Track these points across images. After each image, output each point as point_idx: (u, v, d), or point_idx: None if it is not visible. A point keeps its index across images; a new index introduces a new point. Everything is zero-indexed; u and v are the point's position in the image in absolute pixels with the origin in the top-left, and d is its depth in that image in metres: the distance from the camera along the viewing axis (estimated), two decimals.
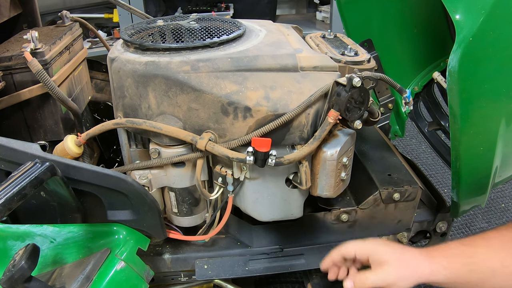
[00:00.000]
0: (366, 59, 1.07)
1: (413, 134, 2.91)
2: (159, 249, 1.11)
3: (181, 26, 1.03)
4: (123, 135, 1.01)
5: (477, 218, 2.24)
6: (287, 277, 1.83)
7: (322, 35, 1.26)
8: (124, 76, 0.92)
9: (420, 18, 1.50)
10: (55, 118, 1.14)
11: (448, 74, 0.80)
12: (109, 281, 0.84)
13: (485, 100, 0.87)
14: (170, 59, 0.90)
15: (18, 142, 0.84)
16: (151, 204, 0.91)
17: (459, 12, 0.77)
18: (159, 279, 1.13)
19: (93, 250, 0.89)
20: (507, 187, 2.46)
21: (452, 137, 0.91)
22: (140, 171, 0.98)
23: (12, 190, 0.69)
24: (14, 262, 0.68)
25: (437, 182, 2.49)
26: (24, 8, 1.39)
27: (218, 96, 0.88)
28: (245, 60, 0.92)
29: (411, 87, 1.61)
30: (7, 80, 1.06)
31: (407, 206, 1.14)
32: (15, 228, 0.89)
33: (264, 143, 0.86)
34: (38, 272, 0.86)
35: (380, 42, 1.52)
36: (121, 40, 1.02)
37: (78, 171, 0.84)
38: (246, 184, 0.98)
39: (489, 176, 1.01)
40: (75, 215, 0.93)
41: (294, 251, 1.12)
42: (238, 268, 1.09)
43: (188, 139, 0.90)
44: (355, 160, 1.18)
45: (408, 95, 1.02)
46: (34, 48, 1.04)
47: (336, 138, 0.96)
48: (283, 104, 0.90)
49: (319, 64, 0.96)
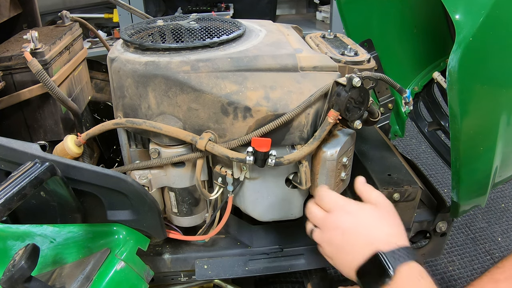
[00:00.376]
0: (366, 59, 1.07)
1: (413, 134, 2.91)
2: (159, 249, 1.11)
3: (181, 26, 1.03)
4: (123, 135, 1.01)
5: (477, 218, 2.24)
6: (287, 277, 1.84)
7: (322, 35, 1.25)
8: (124, 76, 0.92)
9: (420, 18, 1.50)
10: (55, 118, 1.14)
11: (448, 74, 0.80)
12: (109, 281, 0.84)
13: (485, 100, 0.87)
14: (170, 59, 0.90)
15: (18, 142, 0.84)
16: (151, 204, 0.91)
17: (459, 12, 0.77)
18: (159, 279, 1.13)
19: (93, 250, 0.89)
20: (507, 187, 2.46)
21: (452, 137, 0.91)
22: (140, 171, 0.98)
23: (12, 190, 0.68)
24: (14, 262, 0.68)
25: (437, 182, 2.49)
26: (24, 8, 1.39)
27: (218, 96, 0.88)
28: (245, 60, 0.92)
29: (411, 87, 1.61)
30: (7, 80, 1.06)
31: (407, 206, 1.14)
32: (15, 228, 0.89)
33: (264, 143, 0.86)
34: (38, 272, 0.86)
35: (380, 42, 1.52)
36: (121, 40, 1.02)
37: (78, 171, 0.84)
38: (246, 184, 0.98)
39: (489, 176, 1.01)
40: (75, 215, 0.93)
41: (294, 251, 1.12)
42: (238, 268, 1.09)
43: (188, 139, 0.90)
44: (355, 160, 1.18)
45: (408, 95, 1.02)
46: (34, 48, 1.04)
47: (336, 138, 0.96)
48: (283, 104, 0.90)
49: (319, 64, 0.96)
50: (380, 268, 0.72)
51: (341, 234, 0.79)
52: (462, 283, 1.86)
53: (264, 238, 1.13)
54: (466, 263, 1.97)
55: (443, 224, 1.22)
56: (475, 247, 2.06)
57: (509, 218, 2.24)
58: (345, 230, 0.79)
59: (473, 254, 2.02)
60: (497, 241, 2.09)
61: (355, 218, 0.81)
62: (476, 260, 1.99)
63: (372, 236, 0.77)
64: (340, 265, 0.80)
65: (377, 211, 0.81)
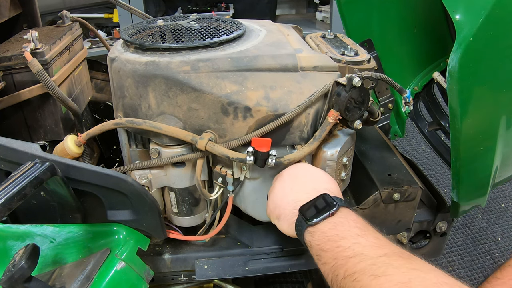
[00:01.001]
0: (366, 59, 1.07)
1: (413, 134, 2.91)
2: (159, 249, 1.11)
3: (181, 26, 1.03)
4: (123, 135, 1.01)
5: (477, 218, 2.24)
6: (287, 277, 1.84)
7: (322, 35, 1.26)
8: (124, 76, 0.92)
9: (420, 18, 1.50)
10: (55, 118, 1.14)
11: (448, 74, 0.80)
12: (109, 281, 0.84)
13: (485, 100, 0.87)
14: (170, 59, 0.90)
15: (18, 142, 0.84)
16: (151, 204, 0.91)
17: (459, 12, 0.77)
18: (159, 279, 1.13)
19: (93, 250, 0.89)
20: (507, 187, 2.46)
21: (452, 137, 0.91)
22: (140, 171, 0.98)
23: (12, 190, 0.68)
24: (14, 262, 0.68)
25: (437, 182, 2.49)
26: (24, 8, 1.39)
27: (218, 96, 0.88)
28: (245, 60, 0.92)
29: (411, 87, 1.61)
30: (7, 80, 1.06)
31: (407, 206, 1.14)
32: (15, 228, 0.89)
33: (264, 143, 0.86)
34: (38, 272, 0.86)
35: (380, 42, 1.52)
36: (121, 40, 1.02)
37: (78, 171, 0.84)
38: (246, 184, 0.98)
39: (489, 176, 1.01)
40: (75, 215, 0.93)
41: (294, 251, 1.12)
42: (238, 268, 1.09)
43: (188, 139, 0.90)
44: (355, 160, 1.18)
45: (408, 95, 1.02)
46: (34, 48, 1.04)
47: (336, 138, 0.96)
48: (283, 104, 0.90)
49: (319, 64, 0.96)
50: (326, 203, 0.76)
51: (290, 180, 0.85)
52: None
53: (264, 238, 1.13)
54: (466, 263, 1.97)
55: (443, 224, 1.23)
56: (475, 247, 2.06)
57: (509, 218, 2.24)
58: (296, 176, 0.86)
59: (473, 254, 2.02)
60: (497, 241, 2.09)
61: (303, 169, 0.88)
62: (476, 260, 1.99)
63: (320, 186, 0.83)
64: (282, 209, 0.83)
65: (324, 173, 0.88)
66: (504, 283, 0.79)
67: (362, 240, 0.67)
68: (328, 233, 0.71)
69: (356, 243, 0.67)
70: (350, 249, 0.66)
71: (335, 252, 0.68)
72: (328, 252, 0.69)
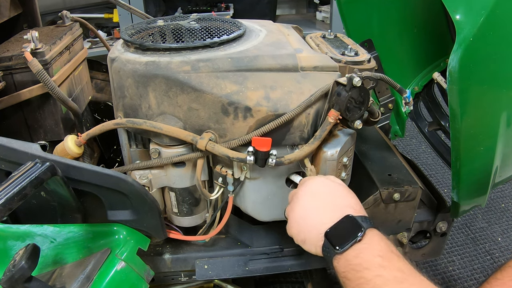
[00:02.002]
0: (366, 59, 1.07)
1: (413, 134, 2.91)
2: (159, 249, 1.11)
3: (181, 26, 1.03)
4: (123, 135, 1.01)
5: (477, 218, 2.24)
6: (287, 277, 1.84)
7: (322, 35, 1.26)
8: (125, 76, 0.92)
9: (420, 18, 1.51)
10: (55, 118, 1.14)
11: (448, 74, 0.80)
12: (109, 281, 0.84)
13: (485, 100, 0.87)
14: (171, 59, 0.90)
15: (18, 142, 0.84)
16: (151, 204, 0.91)
17: (459, 12, 0.77)
18: (159, 279, 1.13)
19: (93, 250, 0.89)
20: (507, 187, 2.46)
21: (452, 137, 0.91)
22: (140, 171, 0.98)
23: (13, 190, 0.68)
24: (15, 262, 0.68)
25: (437, 182, 2.49)
26: (24, 8, 1.39)
27: (218, 96, 0.88)
28: (245, 60, 0.92)
29: (411, 87, 1.61)
30: (7, 80, 1.06)
31: (407, 206, 1.14)
32: (15, 228, 0.89)
33: (265, 143, 0.86)
34: (38, 272, 0.85)
35: (380, 42, 1.52)
36: (121, 40, 1.02)
37: (78, 171, 0.84)
38: (246, 184, 0.98)
39: (489, 176, 1.01)
40: (75, 215, 0.93)
41: (294, 251, 1.12)
42: (238, 268, 1.09)
43: (188, 139, 0.90)
44: (355, 160, 1.18)
45: (408, 95, 1.02)
46: (34, 48, 1.04)
47: (336, 138, 0.96)
48: (283, 104, 0.90)
49: (319, 64, 0.96)
50: (352, 226, 0.75)
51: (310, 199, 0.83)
52: (462, 283, 1.86)
53: (264, 238, 1.13)
54: (466, 263, 1.97)
55: (443, 224, 1.23)
56: (475, 247, 2.06)
57: (509, 218, 2.24)
58: (315, 194, 0.83)
59: (473, 254, 2.02)
60: (497, 241, 2.09)
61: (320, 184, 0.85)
62: (476, 260, 1.99)
63: (341, 202, 0.81)
64: (307, 232, 0.82)
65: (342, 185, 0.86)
66: (504, 283, 0.79)
67: (384, 273, 0.68)
68: (352, 262, 0.72)
69: (378, 276, 0.68)
70: (372, 282, 0.68)
71: (358, 283, 0.70)
72: (351, 281, 0.71)
